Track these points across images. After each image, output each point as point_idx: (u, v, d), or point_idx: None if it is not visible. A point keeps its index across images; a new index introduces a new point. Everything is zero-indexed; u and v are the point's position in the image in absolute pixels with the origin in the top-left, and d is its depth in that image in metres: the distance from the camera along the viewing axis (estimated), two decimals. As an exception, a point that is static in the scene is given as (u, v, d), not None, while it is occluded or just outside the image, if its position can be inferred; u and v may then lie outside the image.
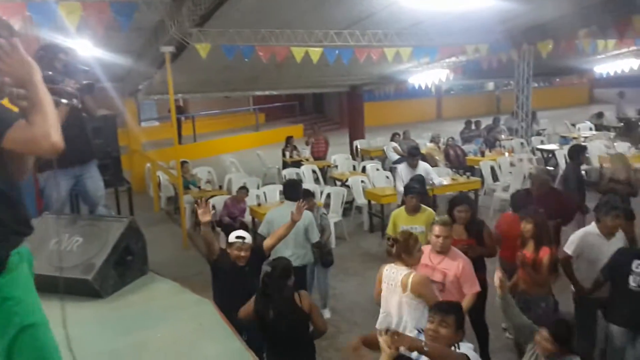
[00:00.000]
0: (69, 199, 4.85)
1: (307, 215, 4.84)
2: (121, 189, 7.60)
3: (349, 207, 8.99)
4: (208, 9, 6.56)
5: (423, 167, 7.56)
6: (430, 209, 5.24)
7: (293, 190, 5.33)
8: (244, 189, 7.94)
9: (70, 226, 3.98)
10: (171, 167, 9.50)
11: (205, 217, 3.94)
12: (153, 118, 19.99)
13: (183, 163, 8.86)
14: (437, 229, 3.87)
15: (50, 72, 4.06)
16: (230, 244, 4.01)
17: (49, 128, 1.68)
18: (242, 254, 3.94)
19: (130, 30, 7.37)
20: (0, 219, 1.85)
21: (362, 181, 9.22)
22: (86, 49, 7.18)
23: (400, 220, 5.13)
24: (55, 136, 1.69)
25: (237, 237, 4.00)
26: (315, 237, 5.10)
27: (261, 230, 5.20)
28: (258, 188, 8.99)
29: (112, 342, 3.12)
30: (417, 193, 5.21)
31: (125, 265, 3.81)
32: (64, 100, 3.48)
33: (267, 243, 4.21)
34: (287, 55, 8.08)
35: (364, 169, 10.72)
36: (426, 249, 3.93)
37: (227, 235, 7.40)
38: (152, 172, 10.10)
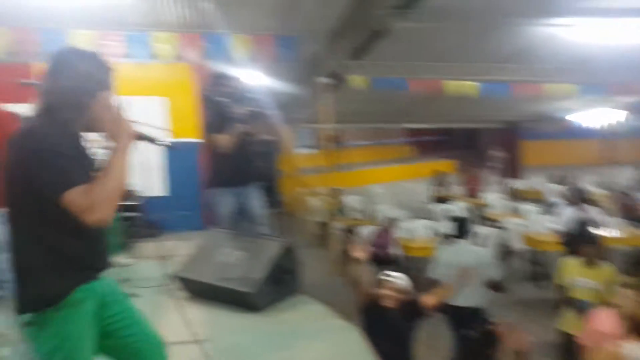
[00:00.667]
0: (234, 216, 5.18)
1: (481, 253, 4.54)
2: (277, 210, 7.97)
3: (504, 251, 8.45)
4: (364, 43, 6.71)
5: (588, 212, 6.87)
6: (609, 265, 4.64)
7: (464, 228, 5.13)
8: (391, 219, 7.90)
9: (234, 241, 4.23)
10: (323, 194, 9.78)
11: (357, 253, 3.73)
12: (309, 145, 20.88)
13: (334, 190, 9.07)
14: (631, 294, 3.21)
15: (222, 99, 4.45)
16: (379, 281, 3.76)
17: (100, 202, 1.69)
18: (391, 294, 3.63)
19: (292, 62, 7.85)
20: (66, 255, 1.84)
21: (519, 224, 8.63)
22: (253, 77, 7.75)
23: (572, 272, 4.60)
24: (100, 214, 1.69)
25: (388, 276, 3.71)
26: (492, 274, 4.66)
27: (433, 273, 4.95)
28: (406, 221, 8.88)
29: (264, 355, 3.22)
30: (594, 242, 4.69)
31: (281, 283, 3.93)
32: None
33: (428, 301, 3.71)
34: (439, 89, 7.97)
35: (520, 211, 10.05)
36: (606, 313, 3.36)
37: (374, 266, 7.43)
38: (305, 197, 10.48)
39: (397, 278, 3.70)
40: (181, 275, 4.10)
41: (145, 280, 4.48)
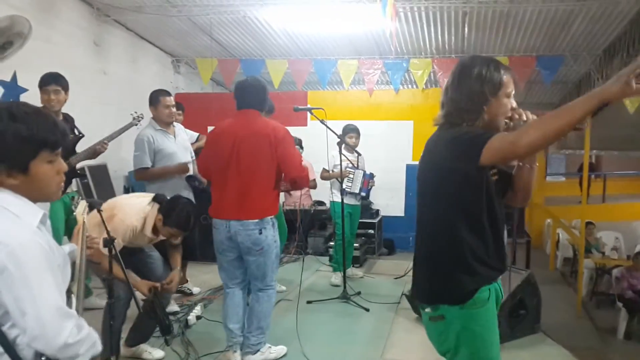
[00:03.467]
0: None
1: None
2: (519, 240, 7.59)
3: None
4: (642, 61, 6.02)
5: None
6: None
7: None
8: None
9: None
10: (573, 227, 8.96)
11: None
12: (559, 173, 19.38)
13: (588, 224, 8.21)
14: None
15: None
16: None
17: (527, 129, 1.58)
18: None
19: (551, 84, 7.41)
20: (477, 252, 1.79)
21: None
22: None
23: None
24: (528, 138, 1.53)
25: None
26: None
27: None
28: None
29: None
30: None
31: (518, 318, 3.78)
32: None
33: None
34: None
35: None
36: None
37: (629, 312, 6.50)
38: (552, 229, 9.73)
39: None
40: (411, 295, 4.24)
41: (377, 296, 4.75)
